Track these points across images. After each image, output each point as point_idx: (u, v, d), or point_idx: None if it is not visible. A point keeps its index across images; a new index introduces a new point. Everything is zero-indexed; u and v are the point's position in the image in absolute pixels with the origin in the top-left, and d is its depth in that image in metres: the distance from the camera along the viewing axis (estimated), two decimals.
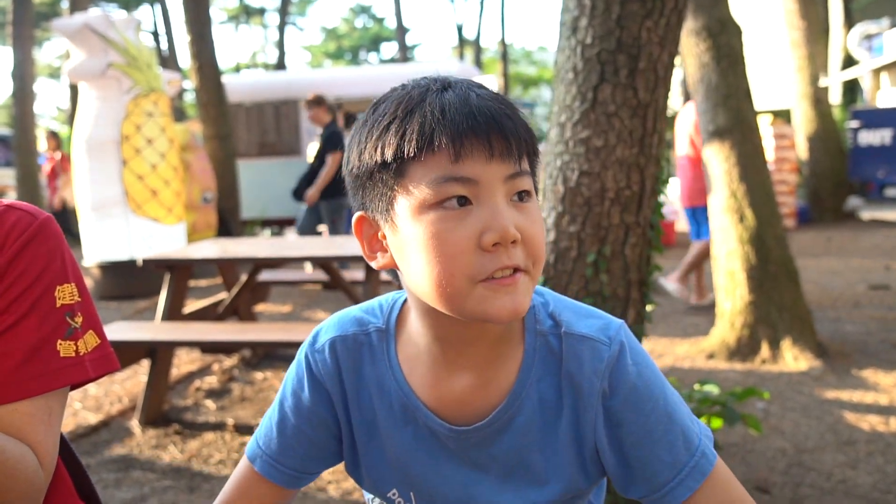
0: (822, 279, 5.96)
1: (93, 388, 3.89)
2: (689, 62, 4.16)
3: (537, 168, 0.80)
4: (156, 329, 3.41)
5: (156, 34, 21.67)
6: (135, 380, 4.04)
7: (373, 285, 3.51)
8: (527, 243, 0.74)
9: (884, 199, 10.53)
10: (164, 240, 6.51)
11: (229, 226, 8.54)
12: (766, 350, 3.90)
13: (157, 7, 22.54)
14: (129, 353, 3.32)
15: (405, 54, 26.85)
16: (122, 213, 6.37)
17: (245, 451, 0.91)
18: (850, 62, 11.44)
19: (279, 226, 10.52)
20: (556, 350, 0.82)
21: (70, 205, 9.65)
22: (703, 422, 0.86)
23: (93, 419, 3.44)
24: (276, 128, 10.23)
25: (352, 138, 0.79)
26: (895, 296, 5.33)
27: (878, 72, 11.67)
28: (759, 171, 4.05)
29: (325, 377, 0.87)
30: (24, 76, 12.19)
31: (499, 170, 0.72)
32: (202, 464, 2.89)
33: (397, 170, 0.73)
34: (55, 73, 29.20)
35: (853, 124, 10.05)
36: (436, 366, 0.82)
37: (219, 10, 32.44)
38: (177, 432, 3.21)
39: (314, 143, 9.64)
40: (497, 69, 26.76)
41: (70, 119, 11.26)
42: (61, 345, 0.83)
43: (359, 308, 0.90)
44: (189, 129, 7.91)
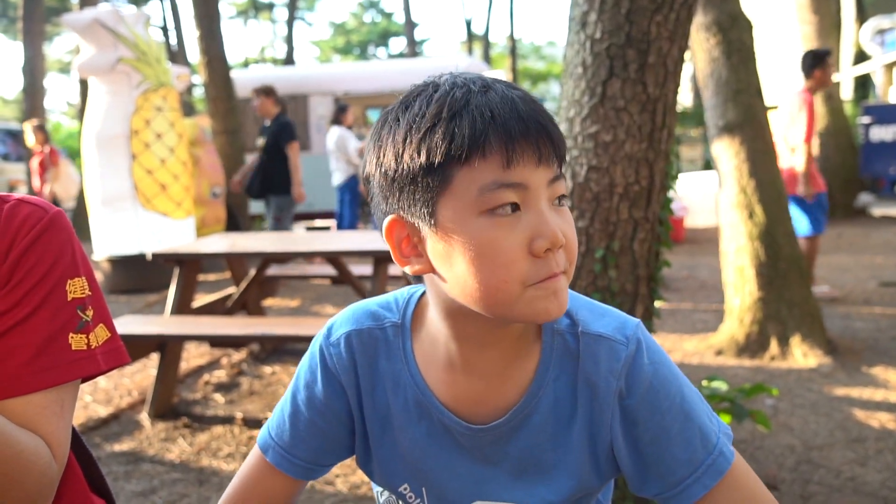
0: (833, 276, 5.92)
1: (103, 382, 3.92)
2: (699, 57, 4.14)
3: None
4: (165, 323, 3.43)
5: (165, 29, 21.71)
6: (144, 373, 4.06)
7: (381, 280, 3.51)
8: (567, 247, 0.74)
9: (895, 195, 10.45)
10: (173, 234, 6.53)
11: (238, 220, 8.54)
12: (775, 346, 3.88)
13: (167, 2, 22.60)
14: (138, 346, 3.34)
15: (413, 49, 26.84)
16: (131, 208, 6.40)
17: (256, 442, 0.90)
18: (862, 57, 11.35)
19: None
20: (573, 349, 0.81)
21: (59, 199, 9.65)
22: None
23: (103, 412, 3.46)
24: None
25: (378, 137, 0.75)
26: None
27: (890, 67, 11.56)
28: (770, 166, 4.03)
29: (340, 371, 0.86)
30: (34, 71, 12.27)
31: (545, 175, 0.72)
32: (211, 457, 2.91)
33: (443, 174, 0.71)
34: (65, 68, 29.31)
35: (865, 120, 9.96)
36: (453, 364, 0.81)
37: (228, 5, 32.50)
38: (186, 425, 3.23)
39: (321, 138, 9.70)
40: (506, 64, 26.71)
41: (80, 114, 11.30)
42: (73, 338, 0.84)
43: (374, 302, 0.89)
44: (198, 124, 7.92)
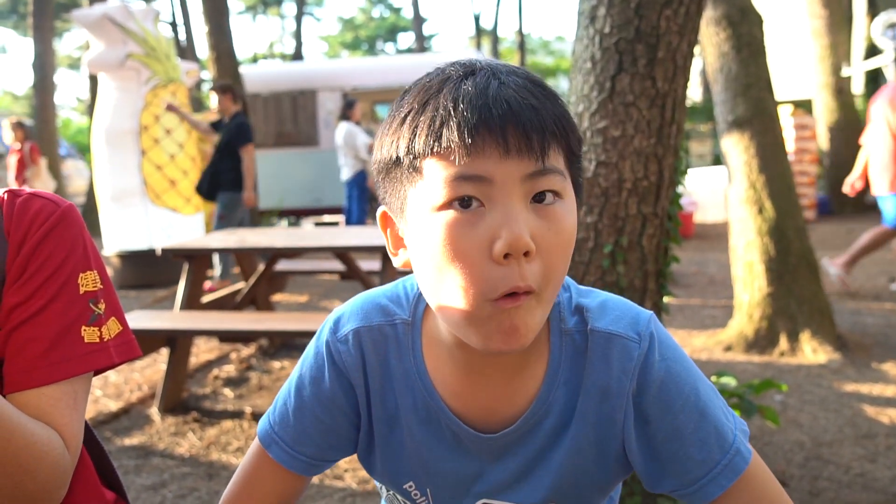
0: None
1: (113, 376, 3.94)
2: (708, 51, 4.12)
3: (580, 164, 0.73)
4: (175, 318, 3.45)
5: (174, 25, 21.74)
6: (154, 368, 4.09)
7: (389, 276, 3.52)
8: (544, 257, 0.66)
9: None
10: (183, 230, 6.56)
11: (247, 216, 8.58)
12: (784, 342, 3.87)
13: None
14: (148, 341, 3.35)
15: (422, 44, 26.82)
16: (140, 203, 6.43)
17: (257, 436, 0.88)
18: (873, 51, 11.24)
19: (296, 216, 10.56)
20: (583, 349, 0.78)
21: None
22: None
23: (113, 406, 3.48)
24: (293, 118, 10.25)
25: (380, 128, 0.75)
26: None
27: None
28: (779, 161, 4.01)
29: (349, 368, 0.82)
30: (44, 67, 12.32)
31: (516, 168, 0.65)
32: (220, 451, 2.92)
33: (411, 165, 0.69)
34: (75, 64, 29.43)
35: None
36: (462, 371, 0.78)
37: (236, 1, 32.57)
38: (195, 420, 3.25)
39: (329, 133, 9.72)
40: (514, 59, 26.64)
41: (90, 110, 11.35)
42: (86, 331, 0.84)
43: (382, 294, 0.85)
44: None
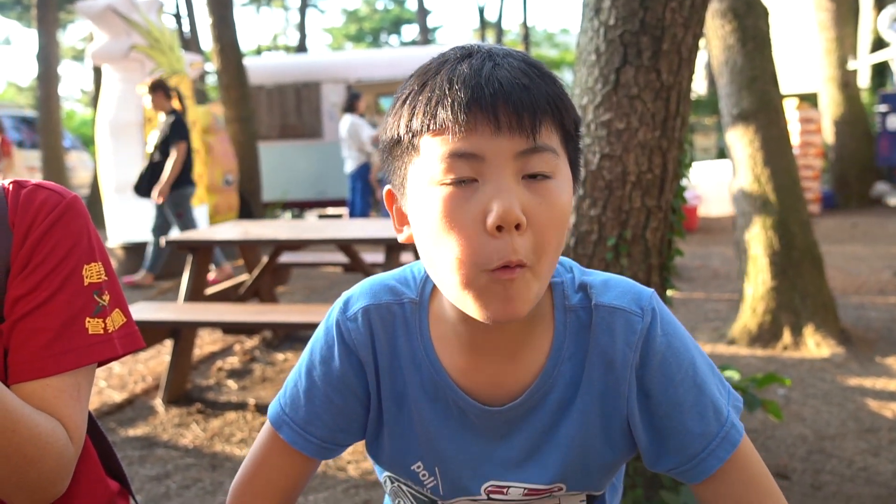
0: (847, 265, 5.88)
1: (117, 367, 3.96)
2: (713, 44, 4.10)
3: (577, 144, 0.76)
4: (178, 310, 3.46)
5: (178, 16, 21.69)
6: (158, 359, 4.10)
7: (392, 268, 3.52)
8: (534, 230, 0.69)
9: None
10: None
11: (251, 208, 8.58)
12: (787, 336, 3.86)
13: None
14: (152, 333, 3.36)
15: (426, 37, 26.71)
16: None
17: (268, 419, 0.88)
18: (879, 45, 11.20)
19: (300, 208, 10.56)
20: (587, 323, 0.80)
21: None
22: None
23: (117, 397, 3.50)
24: (297, 110, 10.24)
25: (386, 113, 0.79)
26: None
27: None
28: (784, 155, 4.00)
29: (359, 346, 0.84)
30: (48, 58, 12.31)
31: (508, 145, 0.68)
32: (224, 442, 2.93)
33: (410, 143, 0.73)
34: (79, 56, 29.39)
35: (881, 108, 9.83)
36: (467, 347, 0.81)
37: None
38: (199, 411, 3.26)
39: (333, 125, 9.71)
40: None
41: (94, 101, 11.35)
42: (90, 322, 0.85)
43: (391, 276, 0.88)
44: (211, 112, 7.94)
